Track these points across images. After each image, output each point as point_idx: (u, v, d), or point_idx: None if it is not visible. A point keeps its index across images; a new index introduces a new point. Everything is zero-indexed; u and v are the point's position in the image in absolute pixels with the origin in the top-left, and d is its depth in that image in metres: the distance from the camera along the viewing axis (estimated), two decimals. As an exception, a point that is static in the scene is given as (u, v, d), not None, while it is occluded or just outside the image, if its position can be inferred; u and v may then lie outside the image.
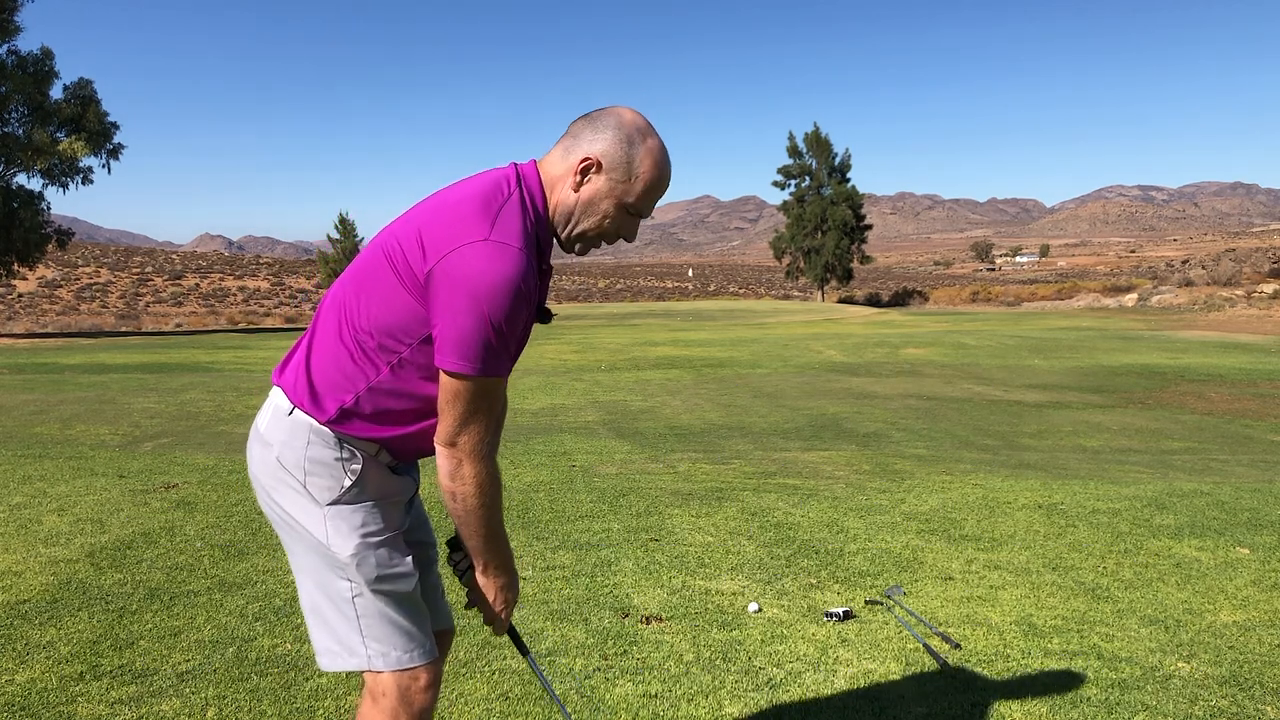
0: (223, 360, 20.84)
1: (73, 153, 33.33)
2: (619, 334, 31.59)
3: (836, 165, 70.78)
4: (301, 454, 1.82)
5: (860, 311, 50.39)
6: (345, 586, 1.82)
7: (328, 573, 1.84)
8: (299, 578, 1.89)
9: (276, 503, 1.86)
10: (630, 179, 1.79)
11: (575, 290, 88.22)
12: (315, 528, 1.82)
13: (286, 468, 1.83)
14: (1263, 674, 3.16)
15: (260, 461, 1.87)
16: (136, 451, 7.77)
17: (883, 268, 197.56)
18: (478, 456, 1.77)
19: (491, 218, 1.71)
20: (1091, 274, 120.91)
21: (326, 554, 1.82)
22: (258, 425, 1.90)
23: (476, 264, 1.66)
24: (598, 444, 8.51)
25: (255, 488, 1.91)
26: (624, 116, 1.81)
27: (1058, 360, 19.54)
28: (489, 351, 1.69)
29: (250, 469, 1.91)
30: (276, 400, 1.88)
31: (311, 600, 1.87)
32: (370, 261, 1.80)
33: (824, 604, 3.87)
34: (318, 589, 1.85)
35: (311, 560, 1.85)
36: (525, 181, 1.80)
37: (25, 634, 3.44)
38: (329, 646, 1.85)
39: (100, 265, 71.61)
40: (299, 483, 1.83)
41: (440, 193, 1.84)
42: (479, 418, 1.75)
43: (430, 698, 1.86)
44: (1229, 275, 47.26)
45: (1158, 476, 7.05)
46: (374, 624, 1.82)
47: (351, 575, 1.81)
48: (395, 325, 1.75)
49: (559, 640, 3.42)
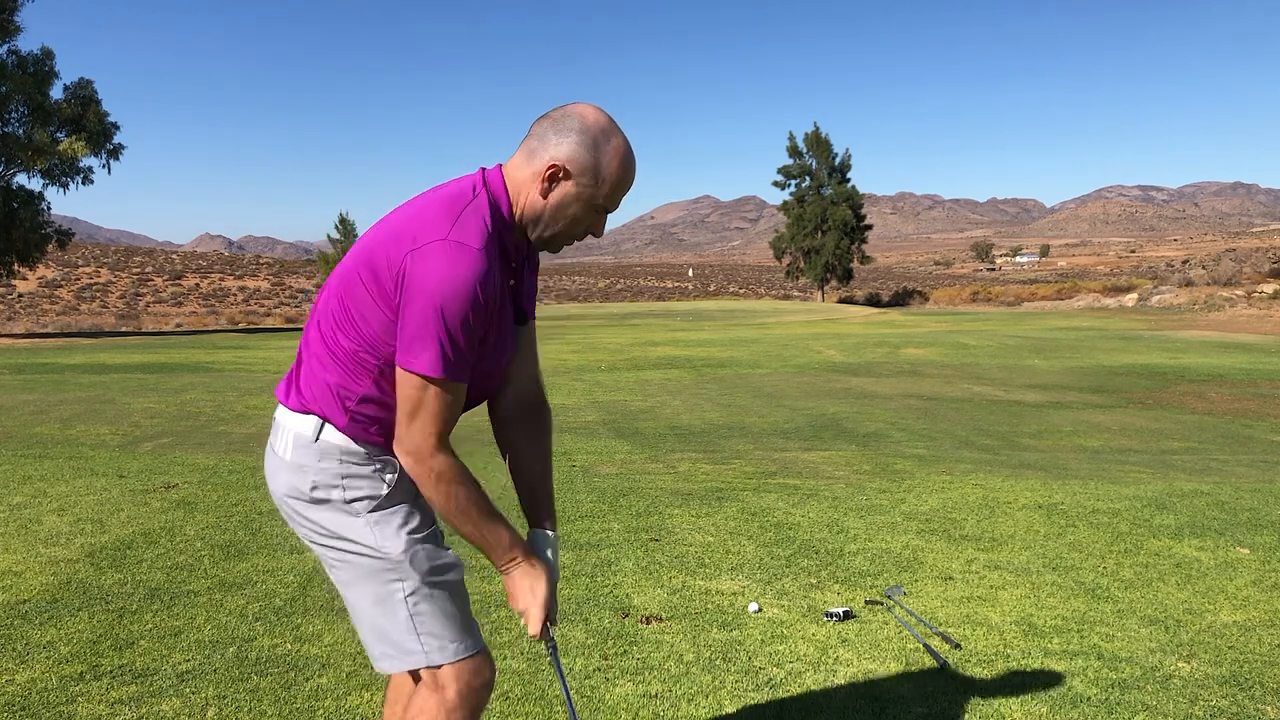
0: (223, 360, 20.84)
1: (73, 153, 33.33)
2: (619, 334, 31.59)
3: (836, 165, 70.82)
4: (336, 472, 1.83)
5: (860, 311, 50.41)
6: (398, 587, 1.83)
7: (378, 578, 1.84)
8: (348, 592, 1.89)
9: (314, 523, 1.86)
10: (598, 183, 1.79)
11: (575, 290, 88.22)
12: (363, 536, 1.83)
13: (323, 487, 1.84)
14: (1263, 674, 3.16)
15: (290, 487, 1.87)
16: (136, 451, 7.77)
17: (883, 268, 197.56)
18: (419, 456, 1.76)
19: (453, 219, 1.72)
20: (1091, 274, 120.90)
21: (377, 559, 1.83)
22: (279, 451, 1.88)
23: (433, 262, 1.67)
24: (598, 444, 8.51)
25: (287, 513, 1.90)
26: (587, 118, 1.79)
27: (1058, 360, 19.54)
28: (442, 351, 1.68)
29: (277, 495, 1.90)
30: (293, 424, 1.87)
31: (363, 611, 1.87)
32: (347, 271, 1.82)
33: (824, 604, 3.87)
34: (369, 597, 1.85)
35: (360, 571, 1.85)
36: (490, 186, 1.81)
37: (25, 634, 3.44)
38: (386, 651, 1.86)
39: (100, 265, 71.64)
40: (340, 500, 1.84)
41: (410, 200, 1.86)
42: (425, 419, 1.74)
43: (489, 683, 1.90)
44: (1229, 275, 47.27)
45: (1158, 476, 7.05)
46: (429, 620, 1.84)
47: (405, 574, 1.83)
48: (372, 336, 1.76)
49: (559, 640, 3.42)
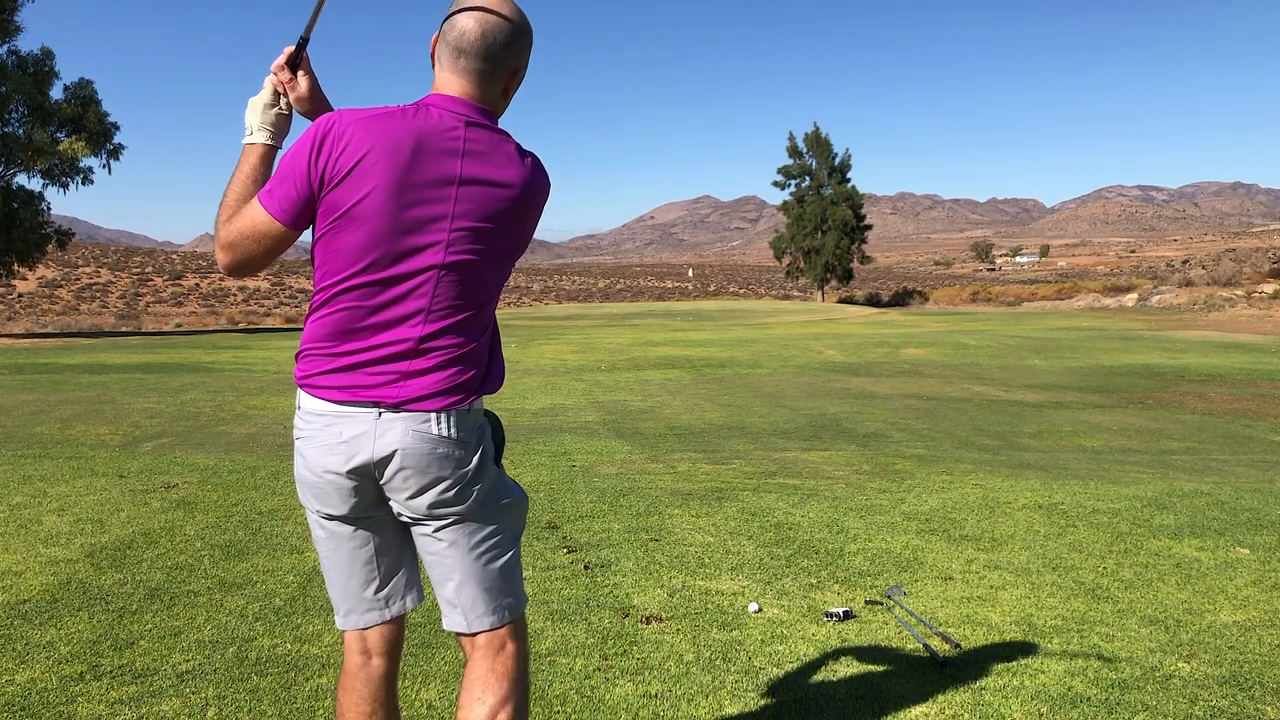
0: (223, 360, 20.84)
1: (73, 153, 33.31)
2: (619, 334, 31.59)
3: (836, 165, 70.82)
4: (487, 431, 1.98)
5: (860, 311, 50.41)
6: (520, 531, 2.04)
7: (524, 521, 2.05)
8: (504, 538, 1.98)
9: (477, 489, 1.92)
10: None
11: (575, 290, 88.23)
12: (511, 486, 2.00)
13: (488, 450, 1.96)
14: (1263, 674, 3.16)
15: (460, 462, 1.89)
16: (136, 451, 7.77)
17: (883, 268, 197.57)
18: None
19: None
20: (1091, 274, 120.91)
21: (525, 503, 2.04)
22: (445, 433, 1.87)
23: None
24: (598, 444, 8.51)
25: (439, 490, 1.88)
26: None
27: (1058, 360, 19.55)
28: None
29: (436, 473, 1.88)
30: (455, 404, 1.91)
31: (514, 557, 2.00)
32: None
33: (824, 604, 3.86)
34: (517, 543, 2.02)
35: (516, 516, 2.01)
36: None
37: (25, 634, 3.44)
38: (508, 603, 1.98)
39: (100, 265, 71.62)
40: (493, 457, 1.98)
41: None
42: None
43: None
44: (1229, 275, 47.26)
45: (1158, 476, 7.05)
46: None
47: (526, 518, 2.08)
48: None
49: (559, 640, 3.42)
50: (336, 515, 1.94)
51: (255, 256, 1.86)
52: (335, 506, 1.92)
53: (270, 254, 1.87)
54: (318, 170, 1.78)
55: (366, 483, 1.89)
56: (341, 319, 1.84)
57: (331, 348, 1.86)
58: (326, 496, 1.91)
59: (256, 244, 1.84)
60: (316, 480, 1.90)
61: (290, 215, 1.81)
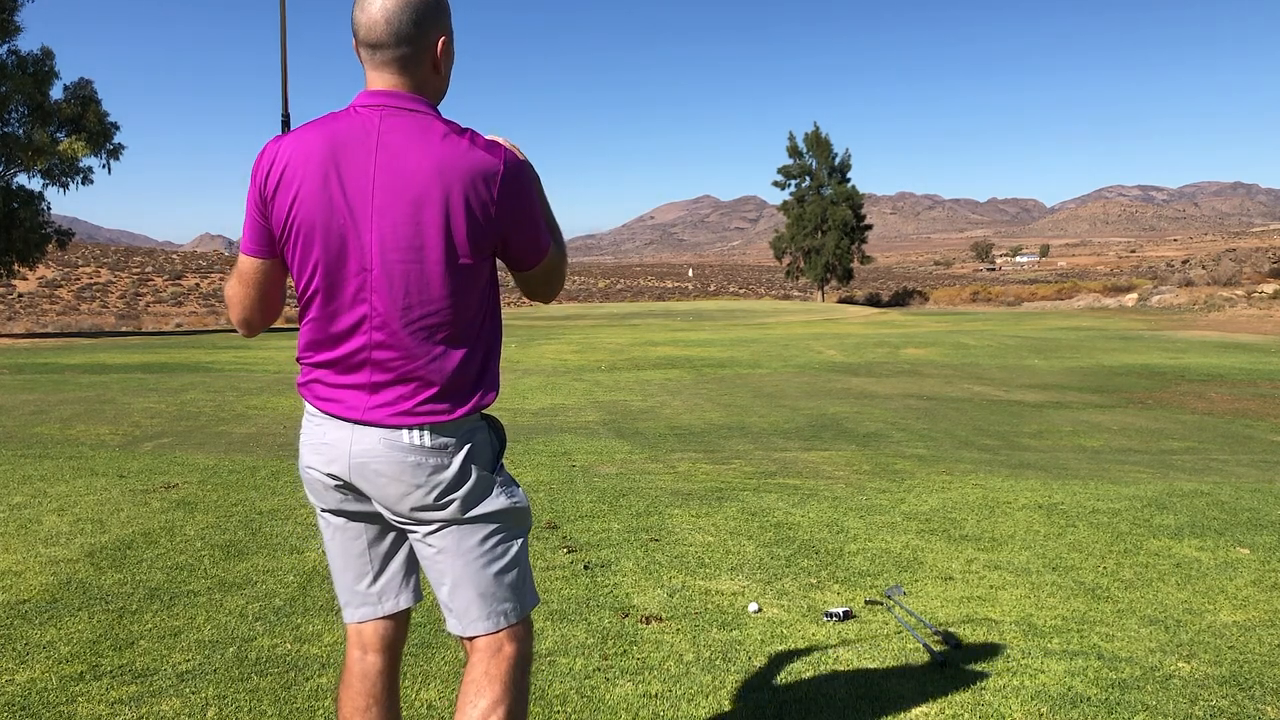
0: (223, 360, 20.84)
1: (73, 153, 33.33)
2: (619, 334, 31.59)
3: (836, 165, 70.82)
4: (477, 436, 1.94)
5: (860, 311, 50.41)
6: (527, 530, 2.02)
7: (526, 525, 1.99)
8: (511, 543, 1.95)
9: (458, 496, 1.90)
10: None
11: (575, 290, 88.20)
12: (509, 490, 1.96)
13: (475, 455, 1.94)
14: (1263, 674, 3.16)
15: (436, 469, 1.86)
16: (136, 451, 7.77)
17: (883, 268, 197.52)
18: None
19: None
20: (1091, 274, 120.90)
21: (526, 507, 1.99)
22: (418, 442, 1.84)
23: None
24: (598, 444, 8.51)
25: (417, 496, 1.86)
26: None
27: (1058, 360, 19.55)
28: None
29: (410, 480, 1.86)
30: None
31: (513, 562, 1.95)
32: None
33: (824, 604, 3.86)
34: (521, 547, 1.98)
35: (515, 520, 1.97)
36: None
37: (25, 634, 3.44)
38: (505, 608, 1.94)
39: (100, 265, 71.59)
40: (489, 463, 1.95)
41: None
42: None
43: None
44: (1229, 275, 47.26)
45: (1158, 476, 7.05)
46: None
47: (530, 518, 2.01)
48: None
49: (559, 640, 3.42)
50: (329, 509, 2.00)
51: (252, 300, 1.93)
52: (326, 501, 1.99)
53: (264, 292, 1.92)
54: (256, 193, 1.83)
55: (347, 484, 1.93)
56: (309, 329, 1.89)
57: (309, 357, 1.91)
58: (316, 491, 1.99)
59: (245, 286, 1.92)
60: (306, 476, 1.99)
61: (255, 244, 1.87)
